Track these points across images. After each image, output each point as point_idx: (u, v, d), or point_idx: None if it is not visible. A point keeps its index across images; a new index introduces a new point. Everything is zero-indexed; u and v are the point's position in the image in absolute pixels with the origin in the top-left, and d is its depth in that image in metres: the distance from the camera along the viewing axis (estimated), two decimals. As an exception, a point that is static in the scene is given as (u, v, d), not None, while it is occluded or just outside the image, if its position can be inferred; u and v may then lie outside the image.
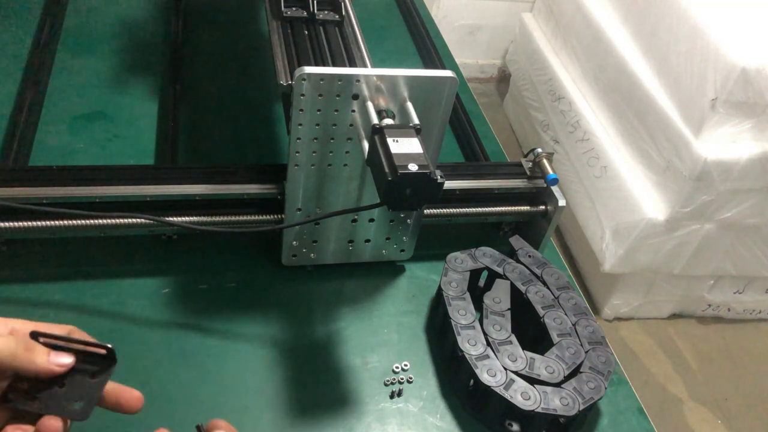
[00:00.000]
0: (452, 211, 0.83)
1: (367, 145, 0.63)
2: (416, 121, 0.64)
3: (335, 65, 0.80)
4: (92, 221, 0.72)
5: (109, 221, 0.73)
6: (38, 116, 0.95)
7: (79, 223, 0.72)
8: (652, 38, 1.83)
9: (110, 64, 1.09)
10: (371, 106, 0.64)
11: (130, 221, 0.73)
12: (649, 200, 1.77)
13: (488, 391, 0.64)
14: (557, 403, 0.64)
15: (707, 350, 2.05)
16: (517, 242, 0.82)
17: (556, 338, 0.70)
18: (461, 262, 0.78)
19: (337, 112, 0.65)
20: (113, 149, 0.93)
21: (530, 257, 0.80)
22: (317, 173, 0.70)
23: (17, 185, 0.72)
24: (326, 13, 0.88)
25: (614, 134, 1.96)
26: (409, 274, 0.84)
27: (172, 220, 0.73)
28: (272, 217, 0.77)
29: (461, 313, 0.71)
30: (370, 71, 0.63)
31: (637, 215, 1.77)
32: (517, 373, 0.66)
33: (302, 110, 0.64)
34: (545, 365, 0.67)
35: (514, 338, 0.69)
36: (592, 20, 2.08)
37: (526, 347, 0.68)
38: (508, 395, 0.63)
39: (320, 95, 0.63)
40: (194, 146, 0.96)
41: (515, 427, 0.67)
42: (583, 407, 0.64)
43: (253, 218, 0.77)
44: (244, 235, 0.83)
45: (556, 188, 0.83)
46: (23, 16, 1.15)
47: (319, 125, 0.66)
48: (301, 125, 0.65)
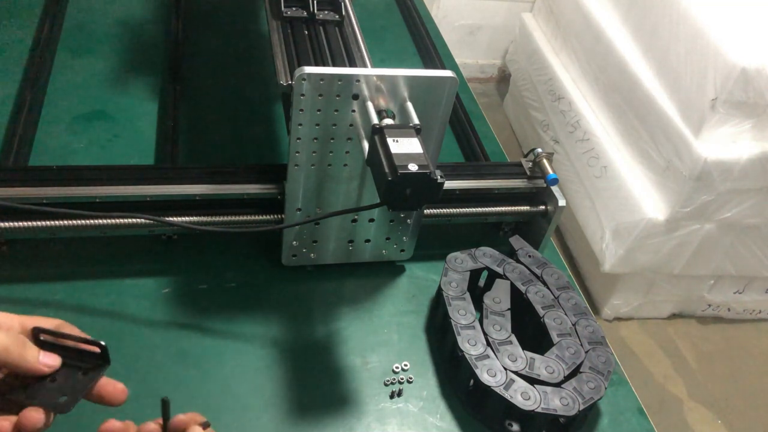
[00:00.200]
0: (452, 211, 0.83)
1: (367, 145, 0.63)
2: (416, 121, 0.64)
3: (335, 65, 0.80)
4: (92, 221, 0.72)
5: (109, 221, 0.73)
6: (38, 116, 0.95)
7: (79, 223, 0.72)
8: (652, 38, 1.83)
9: (110, 64, 1.09)
10: (371, 106, 0.64)
11: (130, 221, 0.73)
12: (649, 200, 1.77)
13: (488, 391, 0.64)
14: (557, 403, 0.64)
15: (707, 350, 2.05)
16: (517, 242, 0.82)
17: (556, 338, 0.70)
18: (461, 262, 0.78)
19: (337, 112, 0.65)
20: (113, 149, 0.93)
21: (530, 257, 0.80)
22: (317, 173, 0.70)
23: (17, 185, 0.72)
24: (326, 13, 0.88)
25: (614, 134, 1.96)
26: (409, 274, 0.84)
27: (172, 220, 0.73)
28: (272, 217, 0.77)
29: (461, 313, 0.71)
30: (370, 71, 0.63)
31: (637, 215, 1.77)
32: (517, 373, 0.66)
33: (302, 110, 0.64)
34: (545, 365, 0.67)
35: (514, 338, 0.69)
36: (592, 20, 2.08)
37: (526, 347, 0.68)
38: (508, 395, 0.63)
39: (320, 95, 0.63)
40: (194, 146, 0.96)
41: (515, 427, 0.67)
42: (583, 407, 0.64)
43: (253, 218, 0.77)
44: (244, 235, 0.83)
45: (556, 188, 0.83)
46: (23, 16, 1.15)
47: (319, 125, 0.66)
48: (301, 125, 0.65)
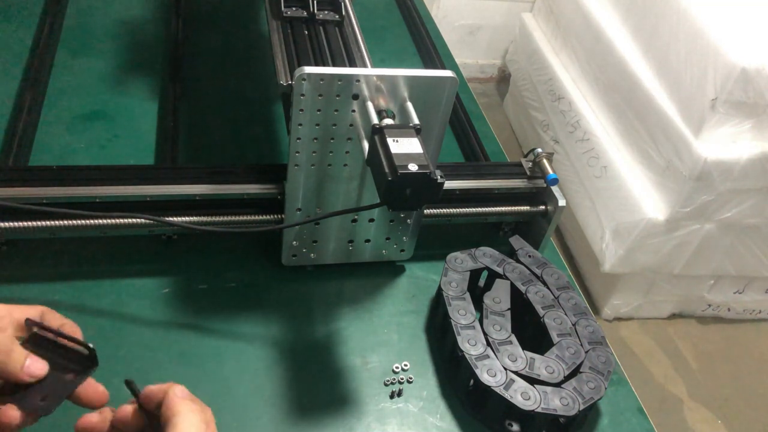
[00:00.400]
0: (452, 211, 0.83)
1: (367, 145, 0.63)
2: (416, 121, 0.64)
3: (335, 65, 0.80)
4: (92, 221, 0.72)
5: (109, 221, 0.73)
6: (38, 116, 0.95)
7: (79, 223, 0.72)
8: (652, 38, 1.83)
9: (110, 64, 1.09)
10: (371, 106, 0.64)
11: (130, 221, 0.73)
12: (649, 200, 1.77)
13: (488, 391, 0.64)
14: (557, 403, 0.64)
15: (707, 350, 2.05)
16: (517, 242, 0.82)
17: (556, 338, 0.70)
18: (461, 262, 0.78)
19: (337, 112, 0.65)
20: (113, 149, 0.93)
21: (530, 257, 0.80)
22: (317, 173, 0.70)
23: (17, 185, 0.72)
24: (326, 13, 0.88)
25: (614, 134, 1.96)
26: (409, 274, 0.84)
27: (172, 220, 0.73)
28: (272, 217, 0.77)
29: (461, 313, 0.71)
30: (370, 71, 0.63)
31: (637, 215, 1.77)
32: (517, 373, 0.66)
33: (302, 110, 0.64)
34: (545, 365, 0.67)
35: (514, 338, 0.69)
36: (592, 20, 2.08)
37: (526, 347, 0.68)
38: (508, 395, 0.63)
39: (320, 95, 0.63)
40: (194, 146, 0.96)
41: (515, 427, 0.67)
42: (583, 407, 0.64)
43: (253, 218, 0.77)
44: (244, 235, 0.83)
45: (556, 188, 0.83)
46: (23, 16, 1.15)
47: (319, 125, 0.66)
48: (301, 125, 0.65)
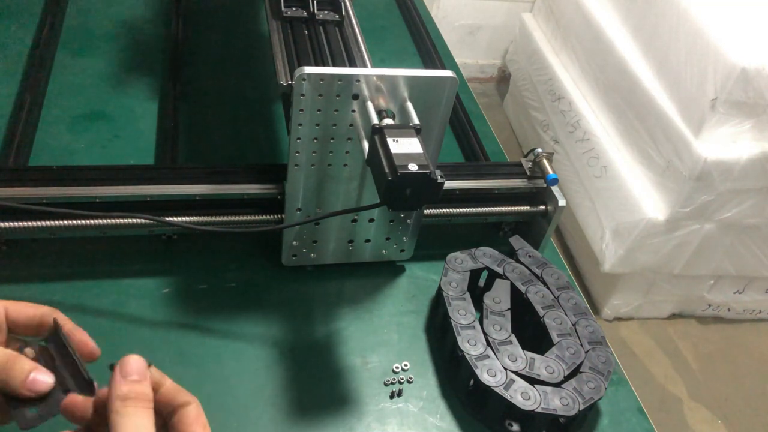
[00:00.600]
0: (452, 211, 0.83)
1: (367, 145, 0.63)
2: (416, 121, 0.64)
3: (335, 65, 0.80)
4: (92, 221, 0.72)
5: (109, 221, 0.72)
6: (38, 116, 0.95)
7: (79, 223, 0.72)
8: (652, 38, 1.83)
9: (110, 64, 1.09)
10: (371, 106, 0.64)
11: (130, 221, 0.73)
12: (649, 200, 1.77)
13: (488, 391, 0.64)
14: (557, 403, 0.64)
15: (707, 350, 2.05)
16: (517, 242, 0.82)
17: (556, 338, 0.70)
18: (461, 262, 0.78)
19: (337, 112, 0.65)
20: (113, 149, 0.93)
21: (530, 257, 0.80)
22: (317, 173, 0.70)
23: (17, 185, 0.72)
24: (326, 13, 0.88)
25: (614, 134, 1.96)
26: (409, 274, 0.84)
27: (172, 220, 0.73)
28: (272, 217, 0.77)
29: (461, 313, 0.71)
30: (370, 71, 0.63)
31: (637, 215, 1.77)
32: (517, 373, 0.66)
33: (302, 110, 0.64)
34: (545, 365, 0.67)
35: (514, 338, 0.69)
36: (592, 20, 2.08)
37: (526, 347, 0.68)
38: (508, 395, 0.63)
39: (320, 95, 0.63)
40: (194, 146, 0.96)
41: (515, 427, 0.67)
42: (583, 407, 0.64)
43: (253, 218, 0.77)
44: (244, 235, 0.83)
45: (556, 188, 0.83)
46: (23, 16, 1.15)
47: (319, 125, 0.66)
48: (301, 125, 0.65)
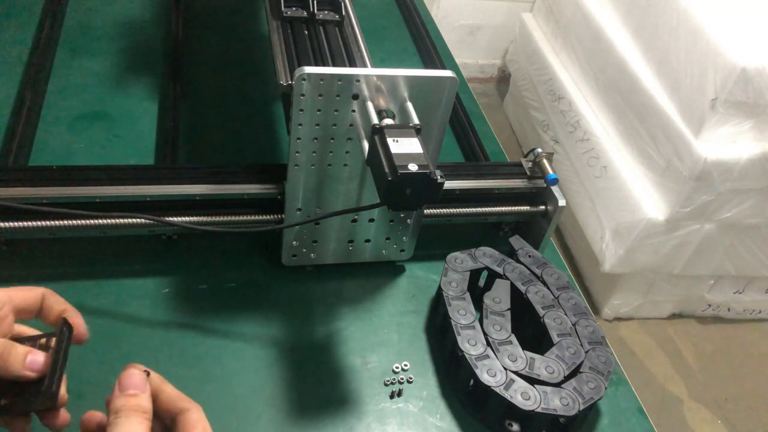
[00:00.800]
0: (452, 211, 0.83)
1: (367, 145, 0.63)
2: (416, 121, 0.64)
3: (335, 65, 0.80)
4: (92, 221, 0.72)
5: (109, 221, 0.72)
6: (38, 116, 0.95)
7: (79, 223, 0.72)
8: (652, 38, 1.83)
9: (110, 64, 1.09)
10: (371, 106, 0.64)
11: (130, 221, 0.73)
12: (649, 200, 1.77)
13: (488, 391, 0.64)
14: (557, 403, 0.64)
15: (707, 350, 2.05)
16: (517, 242, 0.82)
17: (556, 338, 0.70)
18: (461, 262, 0.78)
19: (337, 112, 0.65)
20: (113, 149, 0.93)
21: (530, 257, 0.80)
22: (317, 173, 0.70)
23: (17, 185, 0.72)
24: (326, 13, 0.88)
25: (614, 134, 1.96)
26: (409, 274, 0.84)
27: (172, 220, 0.73)
28: (272, 217, 0.77)
29: (461, 313, 0.71)
30: (370, 71, 0.63)
31: (637, 215, 1.77)
32: (517, 373, 0.66)
33: (302, 110, 0.64)
34: (545, 365, 0.67)
35: (514, 338, 0.69)
36: (592, 20, 2.08)
37: (526, 347, 0.68)
38: (508, 395, 0.63)
39: (320, 95, 0.63)
40: (194, 146, 0.96)
41: (515, 427, 0.67)
42: (583, 407, 0.64)
43: (253, 218, 0.77)
44: (244, 235, 0.83)
45: (556, 188, 0.83)
46: (23, 16, 1.15)
47: (319, 125, 0.66)
48: (301, 125, 0.65)
